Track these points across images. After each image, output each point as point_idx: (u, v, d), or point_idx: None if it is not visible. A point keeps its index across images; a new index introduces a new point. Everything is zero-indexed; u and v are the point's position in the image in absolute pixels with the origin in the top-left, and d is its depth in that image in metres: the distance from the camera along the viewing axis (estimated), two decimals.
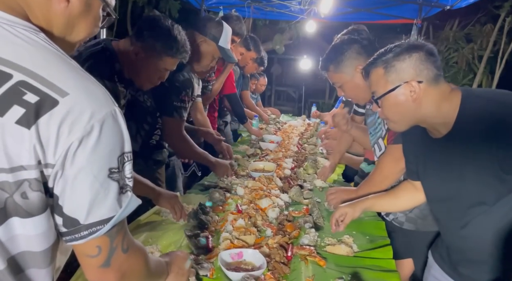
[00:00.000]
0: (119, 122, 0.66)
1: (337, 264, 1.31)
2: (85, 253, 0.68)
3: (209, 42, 1.95)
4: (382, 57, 1.16)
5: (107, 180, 0.64)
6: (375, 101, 1.21)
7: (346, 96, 1.80)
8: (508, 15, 5.77)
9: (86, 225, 0.64)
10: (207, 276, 1.20)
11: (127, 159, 0.67)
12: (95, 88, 0.65)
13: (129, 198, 0.68)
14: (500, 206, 1.09)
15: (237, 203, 1.75)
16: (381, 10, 4.86)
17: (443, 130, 1.14)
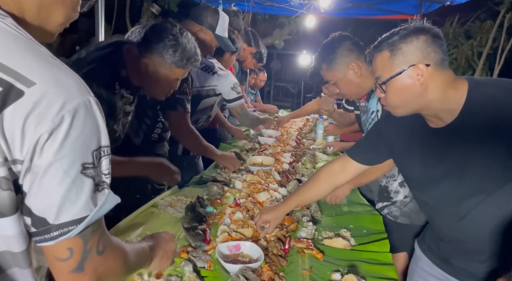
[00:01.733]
0: (94, 113, 0.60)
1: (334, 257, 1.31)
2: (55, 256, 0.62)
3: (205, 31, 1.93)
4: (388, 40, 1.12)
5: (79, 176, 0.58)
6: (380, 86, 1.17)
7: (340, 93, 1.80)
8: (508, 12, 5.76)
9: (56, 225, 0.58)
10: (205, 268, 1.20)
11: (104, 154, 0.62)
12: (67, 77, 0.59)
13: (105, 195, 0.62)
14: (500, 195, 1.08)
15: (235, 196, 1.75)
16: (381, 6, 4.85)
17: (447, 118, 1.11)
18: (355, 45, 1.68)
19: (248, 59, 3.55)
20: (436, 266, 1.31)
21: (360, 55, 1.66)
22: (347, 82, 1.69)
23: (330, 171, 1.46)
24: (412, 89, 1.09)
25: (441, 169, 1.16)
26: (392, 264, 1.29)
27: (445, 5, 4.24)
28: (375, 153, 1.36)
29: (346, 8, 5.00)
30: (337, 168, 1.44)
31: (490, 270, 1.16)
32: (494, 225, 1.11)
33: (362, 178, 1.75)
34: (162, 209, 1.60)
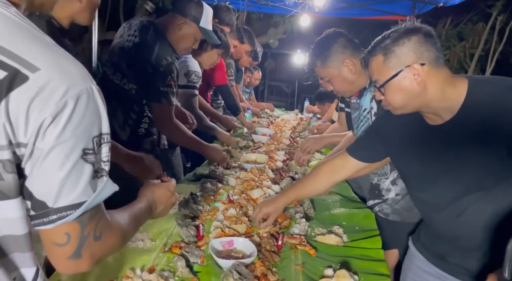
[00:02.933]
0: (96, 100, 0.61)
1: (327, 253, 1.32)
2: (52, 240, 0.63)
3: (189, 23, 1.90)
4: (380, 44, 1.13)
5: (80, 161, 0.59)
6: (378, 89, 1.18)
7: (334, 91, 1.80)
8: (499, 14, 5.83)
9: (55, 209, 0.59)
10: (198, 263, 1.20)
11: (104, 141, 0.63)
12: (70, 64, 0.61)
13: (104, 183, 0.64)
14: (497, 192, 1.09)
15: (228, 193, 1.75)
16: (375, 6, 4.88)
17: (446, 115, 1.12)
18: (349, 42, 1.68)
19: (243, 57, 3.56)
20: (431, 263, 1.31)
21: (354, 52, 1.66)
22: (342, 79, 1.69)
23: (330, 167, 1.47)
24: (411, 89, 1.10)
25: (438, 166, 1.17)
26: (384, 260, 1.30)
27: (438, 6, 4.29)
28: (374, 151, 1.37)
29: (340, 8, 5.03)
30: (337, 165, 1.46)
31: (485, 266, 1.17)
32: (491, 222, 1.11)
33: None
34: None
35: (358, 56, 1.66)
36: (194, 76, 2.44)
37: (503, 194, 1.08)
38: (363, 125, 1.75)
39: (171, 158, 2.45)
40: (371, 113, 1.68)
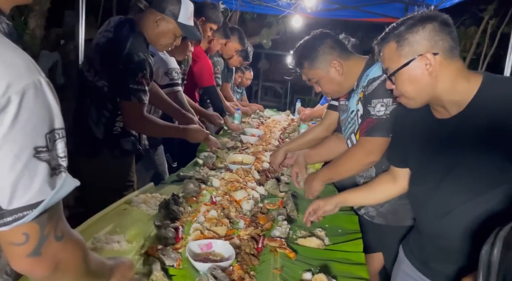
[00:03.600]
0: (45, 94, 0.57)
1: (307, 257, 1.30)
2: (9, 241, 0.60)
3: (167, 19, 1.84)
4: (394, 31, 1.09)
5: (32, 160, 0.56)
6: (389, 78, 1.15)
7: (322, 92, 1.78)
8: (491, 18, 5.88)
9: (10, 210, 0.56)
10: (174, 266, 1.17)
11: (58, 136, 0.60)
12: (14, 56, 0.56)
13: (63, 179, 0.60)
14: (487, 197, 1.07)
15: (211, 194, 1.73)
16: (368, 8, 4.88)
17: (453, 109, 1.09)
18: (336, 43, 1.66)
19: (234, 57, 3.53)
20: (416, 269, 1.31)
21: (341, 53, 1.64)
22: (329, 80, 1.66)
23: (383, 179, 1.46)
24: (422, 79, 1.07)
25: (438, 160, 1.15)
26: (364, 264, 1.28)
27: (430, 9, 4.28)
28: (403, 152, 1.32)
29: (333, 9, 5.03)
30: (389, 176, 1.43)
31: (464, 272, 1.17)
32: (473, 227, 1.10)
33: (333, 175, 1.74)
34: (136, 205, 1.57)
35: (345, 57, 1.65)
36: (174, 73, 2.39)
37: (492, 200, 1.07)
38: (350, 127, 1.73)
39: (153, 158, 2.41)
40: (357, 114, 1.66)
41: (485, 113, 1.03)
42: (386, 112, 1.47)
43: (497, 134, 1.01)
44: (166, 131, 2.04)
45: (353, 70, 1.64)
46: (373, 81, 1.52)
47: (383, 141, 1.46)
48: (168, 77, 2.37)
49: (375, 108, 1.49)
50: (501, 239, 0.76)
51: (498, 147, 1.01)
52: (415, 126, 1.23)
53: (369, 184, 1.52)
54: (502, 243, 0.76)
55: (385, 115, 1.47)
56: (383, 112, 1.48)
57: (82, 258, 0.70)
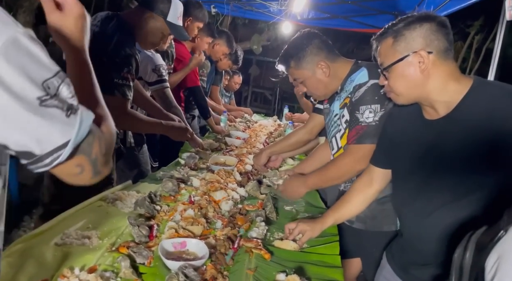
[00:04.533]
0: (28, 46, 0.57)
1: (282, 258, 1.28)
2: (68, 173, 0.68)
3: (156, 17, 1.83)
4: (393, 27, 1.11)
5: (41, 109, 0.58)
6: (382, 73, 1.16)
7: (308, 92, 1.77)
8: (477, 34, 6.03)
9: (45, 154, 0.61)
10: (144, 264, 1.14)
11: (57, 82, 0.61)
12: None
13: (79, 116, 0.64)
14: (465, 203, 1.07)
15: (190, 194, 1.70)
16: (358, 19, 4.95)
17: (442, 110, 1.10)
18: (324, 44, 1.64)
19: (223, 60, 3.52)
20: (396, 275, 1.31)
21: (328, 54, 1.63)
22: (316, 81, 1.65)
23: (359, 185, 1.45)
24: (414, 75, 1.09)
25: (424, 161, 1.15)
26: (340, 267, 1.27)
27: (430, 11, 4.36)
28: (389, 153, 1.33)
29: (323, 18, 5.07)
30: (365, 180, 1.43)
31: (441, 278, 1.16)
32: (452, 230, 1.10)
33: (322, 182, 1.73)
34: (110, 203, 1.53)
35: (332, 58, 1.64)
36: (162, 70, 2.38)
37: (470, 205, 1.07)
38: (333, 130, 1.73)
39: (138, 156, 2.37)
40: (341, 120, 1.66)
41: (471, 115, 1.04)
42: (375, 119, 1.47)
43: (481, 137, 1.02)
44: (150, 127, 2.01)
45: (339, 73, 1.64)
46: (359, 87, 1.51)
47: (373, 148, 1.45)
48: (156, 73, 2.35)
49: (363, 114, 1.49)
50: (473, 243, 0.75)
51: (480, 150, 1.02)
52: (405, 127, 1.24)
53: (348, 196, 1.49)
54: (475, 246, 0.75)
55: (374, 122, 1.47)
56: (372, 118, 1.47)
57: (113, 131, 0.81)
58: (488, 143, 1.01)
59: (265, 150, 2.18)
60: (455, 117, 1.08)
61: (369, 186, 1.42)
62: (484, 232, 0.75)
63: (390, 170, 1.35)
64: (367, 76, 1.51)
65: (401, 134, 1.25)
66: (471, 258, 0.75)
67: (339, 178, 1.63)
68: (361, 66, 1.57)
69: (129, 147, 2.22)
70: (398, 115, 1.27)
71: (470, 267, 0.75)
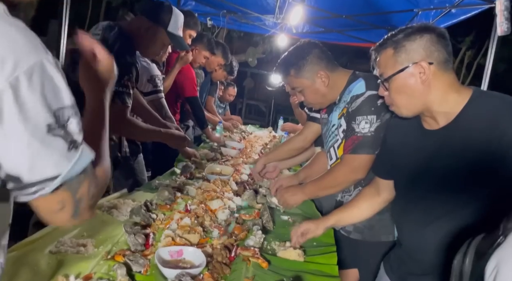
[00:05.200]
0: (52, 73, 0.59)
1: (280, 267, 1.27)
2: (47, 208, 0.65)
3: (157, 27, 1.85)
4: (393, 38, 1.12)
5: (47, 136, 0.59)
6: (382, 84, 1.16)
7: (305, 102, 1.78)
8: (468, 50, 6.16)
9: (31, 183, 0.60)
10: (141, 272, 1.12)
11: (70, 113, 0.62)
12: (22, 36, 0.58)
13: (79, 153, 0.63)
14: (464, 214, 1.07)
15: (186, 203, 1.68)
16: (352, 33, 5.03)
17: (442, 120, 1.11)
18: (324, 54, 1.66)
19: (218, 71, 3.54)
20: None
21: (328, 64, 1.65)
22: (314, 90, 1.66)
23: (366, 192, 1.46)
24: (414, 87, 1.09)
25: (424, 171, 1.16)
26: (337, 277, 1.26)
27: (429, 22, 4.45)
28: (390, 164, 1.33)
29: (318, 32, 5.16)
30: (372, 189, 1.44)
31: None
32: (451, 240, 1.10)
33: (319, 192, 1.73)
34: (106, 211, 1.51)
35: (331, 68, 1.65)
36: (157, 80, 2.40)
37: (471, 214, 1.07)
38: (331, 140, 1.74)
39: (133, 165, 2.36)
40: (339, 130, 1.67)
41: (471, 126, 1.05)
42: (371, 129, 1.48)
43: (480, 147, 1.03)
44: (148, 135, 2.01)
45: (338, 83, 1.65)
46: (356, 98, 1.53)
47: (368, 158, 1.46)
48: (152, 84, 2.36)
49: (359, 125, 1.50)
50: (473, 249, 0.76)
51: (479, 161, 1.03)
52: (405, 137, 1.25)
53: (355, 201, 1.50)
54: (474, 253, 0.75)
55: (370, 133, 1.48)
56: (367, 129, 1.48)
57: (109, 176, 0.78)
58: (487, 153, 1.02)
59: (261, 158, 2.18)
60: (455, 127, 1.09)
61: (376, 195, 1.42)
62: (483, 238, 0.75)
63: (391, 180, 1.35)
64: (364, 87, 1.53)
65: (401, 145, 1.26)
66: (470, 264, 0.76)
67: (335, 187, 1.64)
68: (359, 77, 1.59)
69: (124, 156, 2.21)
70: (398, 125, 1.28)
71: (470, 273, 0.75)
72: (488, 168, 1.02)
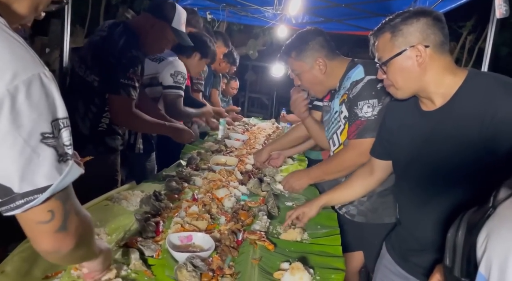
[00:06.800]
0: (49, 85, 0.62)
1: (286, 249, 1.32)
2: (37, 220, 0.65)
3: (161, 23, 1.90)
4: (390, 22, 1.15)
5: (40, 145, 0.60)
6: (380, 67, 1.20)
7: (302, 86, 1.82)
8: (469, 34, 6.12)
9: (21, 194, 0.60)
10: (153, 257, 1.18)
11: (63, 125, 0.64)
12: (22, 50, 0.62)
13: (69, 166, 0.65)
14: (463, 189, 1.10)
15: (193, 192, 1.74)
16: (352, 22, 5.02)
17: (438, 101, 1.14)
18: (327, 43, 1.70)
19: (221, 65, 3.58)
20: (396, 264, 1.35)
21: (328, 53, 1.69)
22: (311, 76, 1.70)
23: (360, 173, 1.50)
24: (411, 69, 1.12)
25: (422, 151, 1.19)
26: (341, 256, 1.31)
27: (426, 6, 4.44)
28: (388, 145, 1.37)
29: (318, 22, 5.15)
30: (366, 169, 1.48)
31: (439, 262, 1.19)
32: (448, 217, 1.13)
33: (325, 175, 1.78)
34: (116, 202, 1.56)
35: (331, 57, 1.69)
36: (180, 77, 2.41)
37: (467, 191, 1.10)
38: (333, 127, 1.77)
39: (145, 164, 2.42)
40: (341, 116, 1.71)
41: (467, 104, 1.08)
42: (374, 113, 1.51)
43: (475, 125, 1.05)
44: (153, 128, 2.06)
45: (336, 71, 1.69)
46: (356, 83, 1.56)
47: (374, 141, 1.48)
48: (173, 78, 2.38)
49: (362, 110, 1.53)
50: (465, 222, 0.79)
51: (476, 138, 1.05)
52: (403, 119, 1.28)
53: (348, 181, 1.55)
54: (466, 225, 0.79)
55: (373, 116, 1.51)
56: (370, 113, 1.52)
57: (92, 232, 0.78)
58: (480, 130, 1.05)
59: (266, 147, 2.23)
60: (451, 107, 1.12)
61: (370, 175, 1.47)
62: (475, 211, 0.79)
63: (390, 161, 1.39)
64: (363, 73, 1.57)
65: (399, 126, 1.29)
66: (463, 236, 0.79)
67: (341, 172, 1.68)
68: (357, 64, 1.63)
69: (138, 153, 2.27)
70: (396, 107, 1.31)
71: (463, 245, 0.78)
72: (481, 145, 1.05)
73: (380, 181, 1.47)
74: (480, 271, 0.63)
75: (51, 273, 1.02)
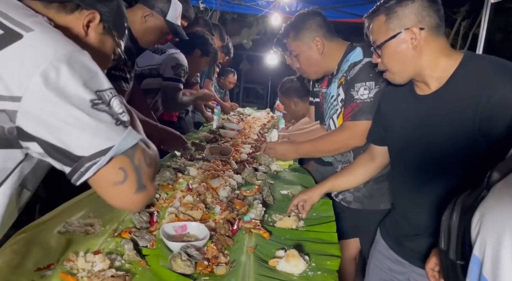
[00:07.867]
0: (87, 60, 0.68)
1: (281, 237, 1.32)
2: (111, 181, 0.67)
3: (156, 16, 1.86)
4: (385, 5, 1.13)
5: (92, 111, 0.64)
6: (375, 50, 1.18)
7: (299, 68, 1.80)
8: (464, 20, 6.08)
9: (87, 157, 0.64)
10: (147, 247, 1.17)
11: (111, 95, 0.69)
12: (60, 35, 0.69)
13: (128, 130, 0.68)
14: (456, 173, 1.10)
15: (188, 182, 1.72)
16: (346, 9, 4.98)
17: (434, 85, 1.13)
18: (325, 23, 1.69)
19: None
20: (390, 249, 1.36)
21: (327, 33, 1.67)
22: (308, 56, 1.69)
23: (361, 159, 1.50)
24: (406, 52, 1.11)
25: (417, 135, 1.19)
26: (337, 243, 1.31)
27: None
28: (383, 130, 1.36)
29: None
30: (367, 155, 1.48)
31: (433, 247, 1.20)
32: (443, 201, 1.13)
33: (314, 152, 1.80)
34: None
35: (329, 37, 1.67)
36: (181, 70, 2.37)
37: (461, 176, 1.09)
38: (330, 112, 1.76)
39: None
40: (337, 100, 1.69)
41: (462, 87, 1.07)
42: (370, 95, 1.50)
43: (470, 107, 1.04)
44: (145, 126, 1.98)
45: (334, 52, 1.67)
46: (354, 65, 1.55)
47: (368, 124, 1.47)
48: (174, 71, 2.36)
49: (358, 92, 1.52)
50: (459, 204, 0.79)
51: (471, 121, 1.04)
52: (398, 103, 1.27)
53: (350, 167, 1.55)
54: (460, 208, 0.79)
55: (369, 99, 1.50)
56: (366, 95, 1.51)
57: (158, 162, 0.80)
58: (475, 113, 1.04)
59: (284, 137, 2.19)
60: (446, 90, 1.11)
61: (371, 161, 1.46)
62: (469, 194, 0.79)
63: (384, 146, 1.39)
64: (361, 55, 1.55)
65: (394, 111, 1.28)
66: (457, 219, 0.78)
67: (331, 152, 1.68)
68: (356, 46, 1.62)
69: None
70: (391, 92, 1.30)
71: (457, 227, 0.78)
72: (476, 129, 1.04)
73: (382, 167, 1.47)
74: (475, 253, 0.62)
75: (43, 265, 1.01)
